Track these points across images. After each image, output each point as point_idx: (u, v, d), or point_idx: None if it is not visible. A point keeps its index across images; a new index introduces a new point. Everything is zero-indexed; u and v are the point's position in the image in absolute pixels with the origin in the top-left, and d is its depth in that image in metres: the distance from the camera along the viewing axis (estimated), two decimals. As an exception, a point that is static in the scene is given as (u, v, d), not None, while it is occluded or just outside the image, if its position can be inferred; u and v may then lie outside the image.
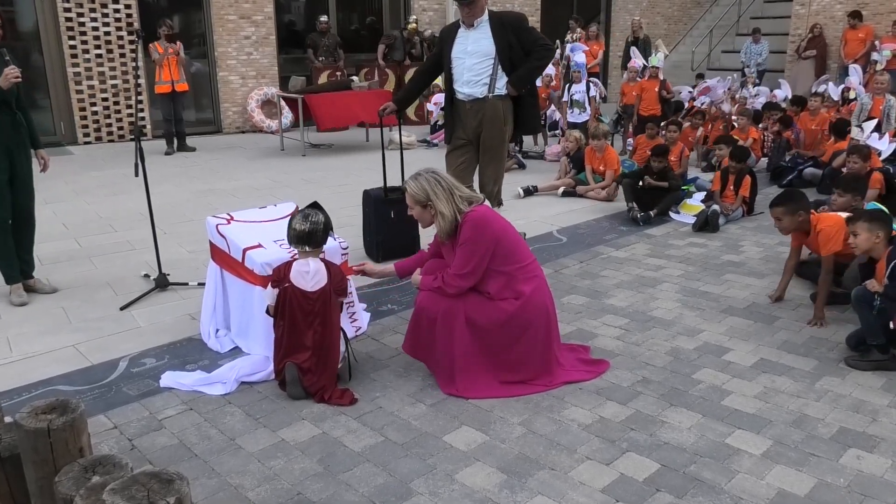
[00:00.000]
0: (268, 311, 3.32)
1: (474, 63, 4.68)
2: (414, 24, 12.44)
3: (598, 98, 9.99)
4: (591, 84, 9.82)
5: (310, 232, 3.24)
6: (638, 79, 9.90)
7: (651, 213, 6.32)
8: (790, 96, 10.71)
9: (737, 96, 10.38)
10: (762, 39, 13.56)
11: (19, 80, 4.20)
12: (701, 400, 3.25)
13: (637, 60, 10.35)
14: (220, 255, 3.86)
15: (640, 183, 6.52)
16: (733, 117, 9.39)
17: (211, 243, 3.94)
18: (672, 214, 6.51)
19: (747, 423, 3.05)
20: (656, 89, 9.54)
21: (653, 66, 9.63)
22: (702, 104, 10.40)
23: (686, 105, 10.72)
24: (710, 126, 9.45)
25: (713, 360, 3.66)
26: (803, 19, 14.20)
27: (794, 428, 3.01)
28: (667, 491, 2.60)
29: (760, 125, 9.13)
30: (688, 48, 16.26)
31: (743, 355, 3.70)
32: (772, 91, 11.43)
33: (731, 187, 6.52)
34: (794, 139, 8.64)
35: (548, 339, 3.35)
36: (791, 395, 3.30)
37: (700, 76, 12.53)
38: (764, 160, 8.78)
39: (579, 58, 9.84)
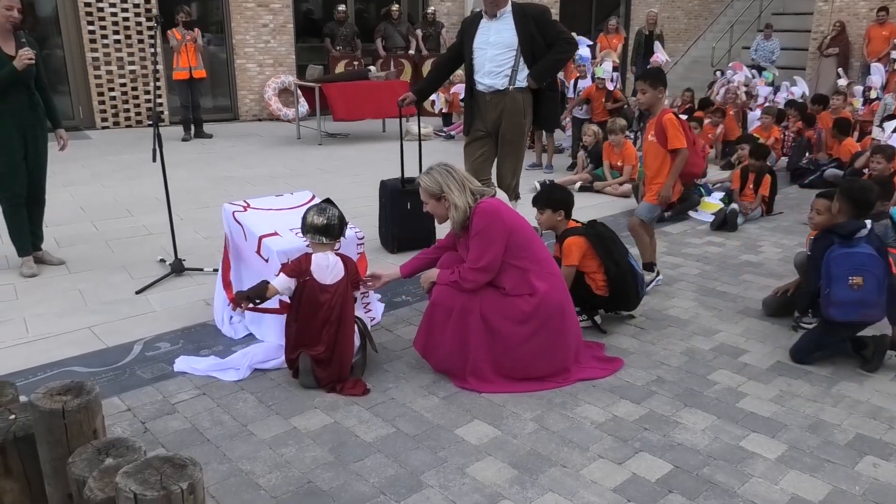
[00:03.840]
0: (266, 292, 3.20)
1: (496, 54, 4.64)
2: (396, 7, 12.40)
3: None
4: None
5: (327, 224, 3.23)
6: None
7: (666, 213, 6.26)
8: (807, 93, 10.58)
9: (753, 92, 10.27)
10: (773, 36, 13.35)
11: (32, 62, 4.27)
12: (716, 401, 3.22)
13: (659, 55, 10.25)
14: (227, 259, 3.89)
15: None
16: (758, 111, 9.29)
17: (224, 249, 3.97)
18: (690, 212, 6.45)
19: (762, 427, 3.01)
20: (602, 100, 8.77)
21: (598, 78, 8.69)
22: (724, 88, 10.21)
23: (717, 90, 10.52)
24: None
25: (729, 361, 3.62)
26: (826, 16, 14.01)
27: (810, 433, 2.97)
28: (679, 492, 2.57)
29: (781, 124, 9.02)
30: (708, 44, 16.09)
31: (759, 357, 3.66)
32: (789, 88, 11.30)
33: (751, 186, 6.45)
34: (816, 138, 8.54)
35: (563, 338, 3.32)
36: (807, 399, 3.25)
37: (719, 71, 12.41)
38: (784, 159, 8.68)
39: (583, 51, 9.24)
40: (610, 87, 8.86)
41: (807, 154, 8.41)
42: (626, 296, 3.92)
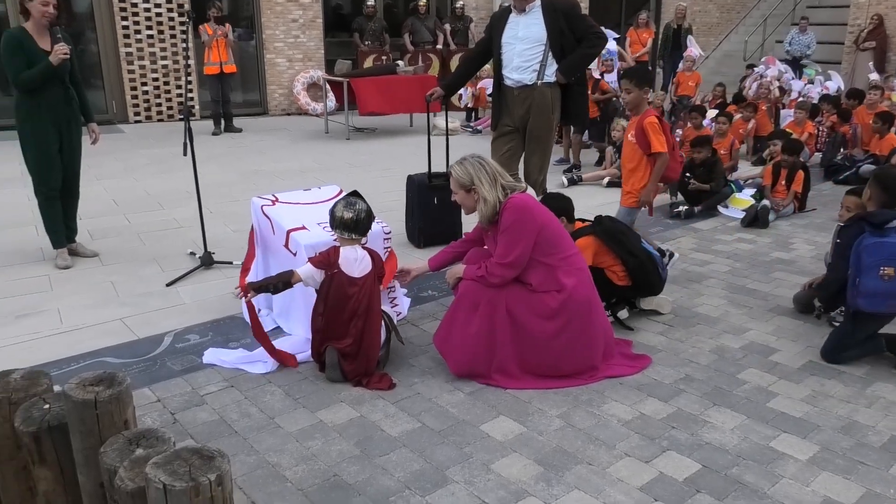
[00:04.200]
0: (290, 278, 3.21)
1: (524, 49, 4.61)
2: (424, 2, 12.38)
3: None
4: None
5: (356, 220, 3.24)
6: (694, 69, 9.60)
7: (696, 208, 6.19)
8: (842, 87, 10.35)
9: (786, 87, 10.08)
10: (809, 30, 13.07)
11: (68, 56, 4.35)
12: (745, 401, 3.17)
13: (693, 49, 10.10)
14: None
15: (686, 178, 6.38)
16: (790, 110, 9.12)
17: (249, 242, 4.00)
18: (720, 209, 6.36)
19: (793, 427, 2.96)
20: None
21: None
22: (756, 83, 10.03)
23: (749, 84, 10.34)
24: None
25: (759, 360, 3.57)
26: (863, 9, 13.69)
27: (843, 434, 2.92)
28: (707, 492, 2.54)
29: (815, 119, 8.85)
30: (740, 37, 15.84)
31: (791, 356, 3.60)
32: (823, 82, 11.08)
33: (783, 182, 6.34)
34: (851, 134, 8.36)
35: (590, 334, 3.29)
36: (840, 399, 3.19)
37: (751, 66, 12.20)
38: (818, 155, 8.52)
39: (610, 45, 8.78)
40: (596, 75, 8.56)
41: (841, 150, 8.24)
42: (649, 282, 3.93)
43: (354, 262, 3.23)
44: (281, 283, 3.23)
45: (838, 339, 3.54)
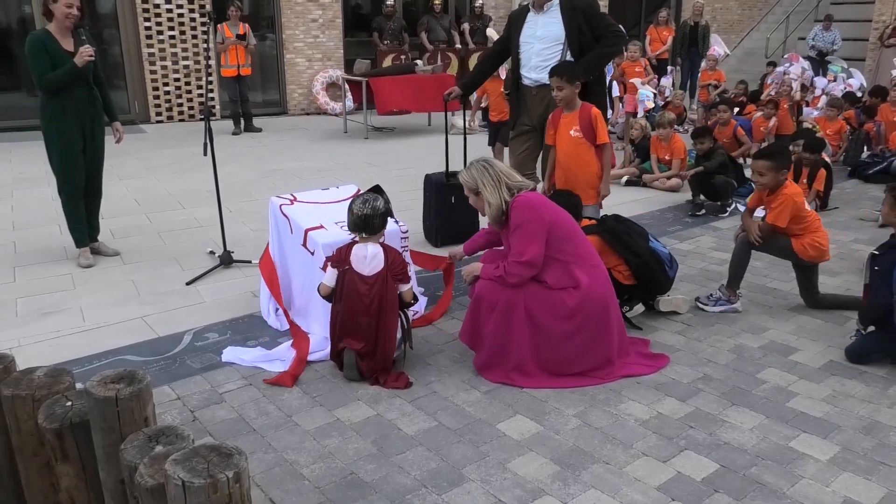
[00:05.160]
0: (319, 291, 3.33)
1: (543, 48, 4.60)
2: (439, 1, 12.39)
3: (668, 88, 9.67)
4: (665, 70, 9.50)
5: (368, 216, 3.24)
6: (717, 67, 9.51)
7: (717, 203, 6.18)
8: (864, 84, 10.20)
9: (808, 84, 9.96)
10: (833, 27, 12.89)
11: (93, 58, 4.41)
12: (765, 400, 3.15)
13: (717, 48, 10.00)
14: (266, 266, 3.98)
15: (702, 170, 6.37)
16: (812, 109, 9.02)
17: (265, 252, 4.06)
18: (740, 207, 6.30)
19: (814, 427, 2.93)
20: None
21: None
22: (777, 81, 9.93)
23: (770, 82, 10.25)
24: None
25: (779, 359, 3.54)
26: (888, 5, 13.49)
27: (864, 434, 2.89)
28: (725, 492, 2.53)
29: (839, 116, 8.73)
30: (762, 34, 15.66)
31: (811, 356, 3.56)
32: (846, 80, 10.93)
33: (804, 180, 6.26)
34: (875, 132, 8.24)
35: (606, 332, 3.29)
36: (862, 399, 3.16)
37: (771, 64, 12.07)
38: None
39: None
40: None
41: (864, 148, 8.13)
42: (656, 281, 3.93)
43: (364, 259, 3.23)
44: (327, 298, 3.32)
45: (866, 347, 3.50)
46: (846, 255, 5.12)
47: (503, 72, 6.64)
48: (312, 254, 3.63)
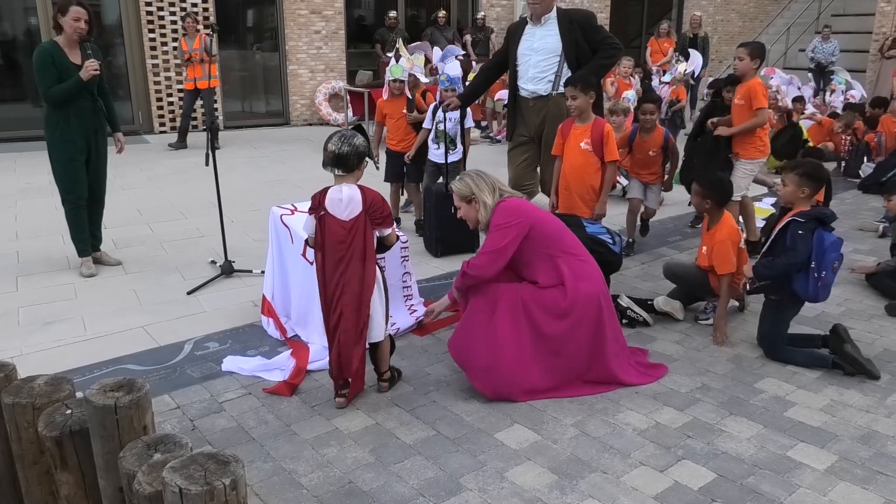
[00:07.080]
0: (307, 243, 3.20)
1: (540, 60, 4.64)
2: (443, 14, 12.49)
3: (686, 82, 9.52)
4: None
5: (344, 154, 3.06)
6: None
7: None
8: (865, 95, 10.22)
9: (816, 99, 9.97)
10: (832, 38, 12.93)
11: (98, 72, 4.45)
12: (763, 410, 3.15)
13: (682, 65, 9.96)
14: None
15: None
16: (808, 120, 9.04)
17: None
18: (740, 218, 6.30)
19: (811, 437, 2.94)
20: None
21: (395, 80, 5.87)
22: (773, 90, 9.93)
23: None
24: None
25: (777, 369, 3.54)
26: (889, 17, 13.54)
27: (862, 444, 2.89)
28: (722, 501, 2.54)
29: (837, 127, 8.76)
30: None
31: (809, 366, 3.57)
32: (845, 91, 10.94)
33: (804, 191, 6.27)
34: (876, 143, 8.26)
35: (602, 331, 3.29)
36: (859, 409, 3.16)
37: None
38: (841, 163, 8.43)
39: (452, 69, 5.91)
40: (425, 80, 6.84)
41: (864, 159, 8.15)
42: (605, 262, 3.79)
43: (340, 202, 3.06)
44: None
45: (774, 330, 3.64)
46: (845, 265, 5.11)
47: (408, 90, 5.80)
48: (312, 264, 3.65)
